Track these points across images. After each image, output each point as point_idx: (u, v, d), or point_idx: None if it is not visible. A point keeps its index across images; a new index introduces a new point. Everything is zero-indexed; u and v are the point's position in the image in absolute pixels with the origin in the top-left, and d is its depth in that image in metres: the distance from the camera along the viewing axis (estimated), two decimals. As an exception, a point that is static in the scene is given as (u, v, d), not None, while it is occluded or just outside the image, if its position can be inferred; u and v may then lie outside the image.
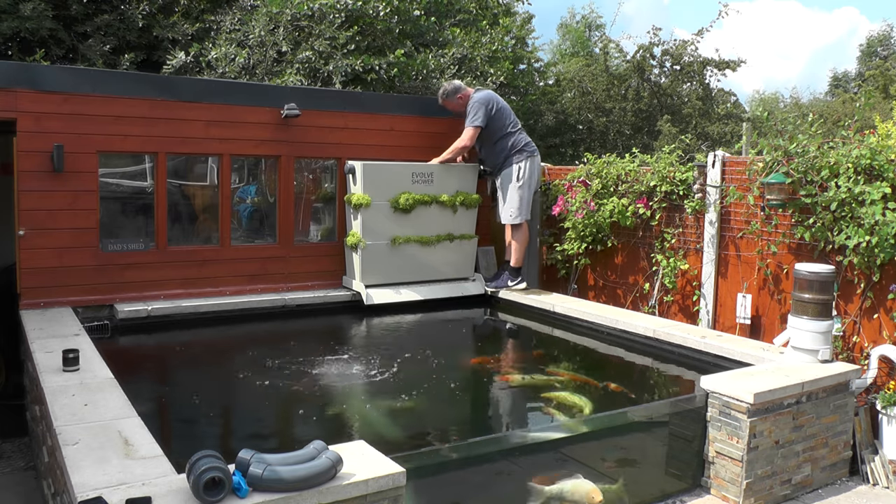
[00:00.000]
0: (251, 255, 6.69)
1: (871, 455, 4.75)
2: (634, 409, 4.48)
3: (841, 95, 19.30)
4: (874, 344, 5.07)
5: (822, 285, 4.70)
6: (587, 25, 19.11)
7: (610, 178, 7.02)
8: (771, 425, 4.26)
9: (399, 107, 7.37)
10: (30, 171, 5.63)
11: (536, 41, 13.36)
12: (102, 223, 6.02)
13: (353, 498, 2.84)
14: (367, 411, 4.46)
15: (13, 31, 7.94)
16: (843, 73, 23.23)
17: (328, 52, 8.60)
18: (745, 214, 5.97)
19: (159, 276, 6.21)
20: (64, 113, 5.72)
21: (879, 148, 5.01)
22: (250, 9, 9.10)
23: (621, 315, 6.18)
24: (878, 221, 4.80)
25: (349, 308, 6.82)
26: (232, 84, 7.12)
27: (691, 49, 12.51)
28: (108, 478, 2.79)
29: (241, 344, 6.03)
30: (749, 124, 9.02)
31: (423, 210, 7.01)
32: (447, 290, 7.21)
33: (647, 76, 12.85)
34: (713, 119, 12.67)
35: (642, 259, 6.95)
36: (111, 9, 8.68)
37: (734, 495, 4.23)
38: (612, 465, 4.26)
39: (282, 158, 6.74)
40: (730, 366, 4.94)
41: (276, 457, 2.77)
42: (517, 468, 3.94)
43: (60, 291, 5.77)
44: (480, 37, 10.51)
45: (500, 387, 5.22)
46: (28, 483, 4.79)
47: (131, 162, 6.36)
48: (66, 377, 3.99)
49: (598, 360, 5.87)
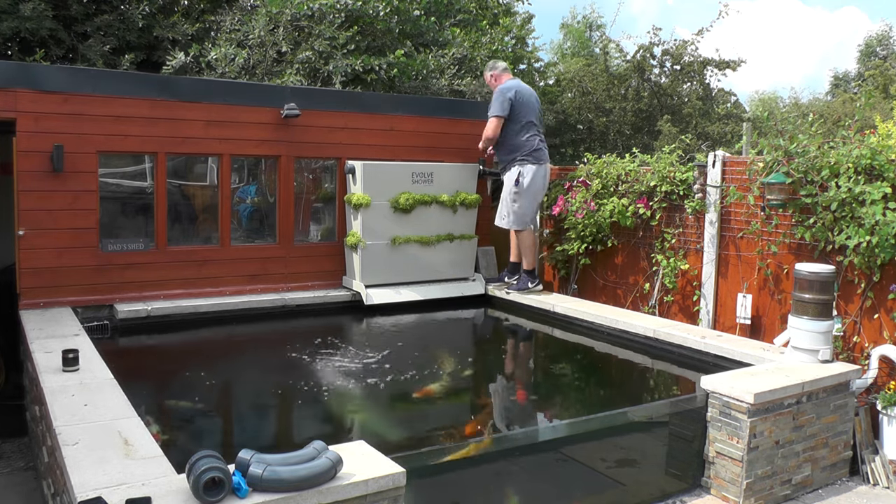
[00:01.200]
0: (251, 255, 6.69)
1: (871, 455, 4.75)
2: (634, 409, 4.48)
3: (841, 95, 19.28)
4: (874, 344, 5.07)
5: (822, 285, 4.70)
6: (588, 25, 19.10)
7: (610, 178, 7.02)
8: (771, 425, 4.26)
9: (399, 107, 7.36)
10: (30, 171, 5.63)
11: (537, 41, 13.36)
12: (102, 223, 6.02)
13: (353, 498, 2.84)
14: (368, 411, 4.46)
15: (13, 31, 7.94)
16: (844, 73, 23.21)
17: (328, 53, 8.60)
18: (745, 214, 5.96)
19: (159, 276, 6.21)
20: (64, 113, 5.72)
21: (880, 148, 5.00)
22: (250, 9, 9.09)
23: (621, 315, 6.17)
24: (879, 221, 4.80)
25: (349, 308, 6.82)
26: (232, 84, 7.12)
27: (691, 49, 12.50)
28: (108, 478, 2.79)
29: (240, 344, 6.03)
30: (749, 124, 9.01)
31: (423, 210, 7.02)
32: (447, 290, 7.21)
33: (647, 76, 12.84)
34: (713, 119, 12.66)
35: (642, 259, 6.94)
36: (111, 9, 8.68)
37: (734, 495, 4.23)
38: (613, 465, 4.26)
39: (282, 158, 6.73)
40: (730, 366, 4.94)
41: (276, 457, 2.77)
42: (517, 468, 3.94)
43: (60, 291, 5.77)
44: (480, 37, 10.50)
45: (501, 387, 5.23)
46: (28, 483, 4.78)
47: (131, 162, 6.36)
48: (66, 377, 3.99)
49: (598, 360, 5.87)
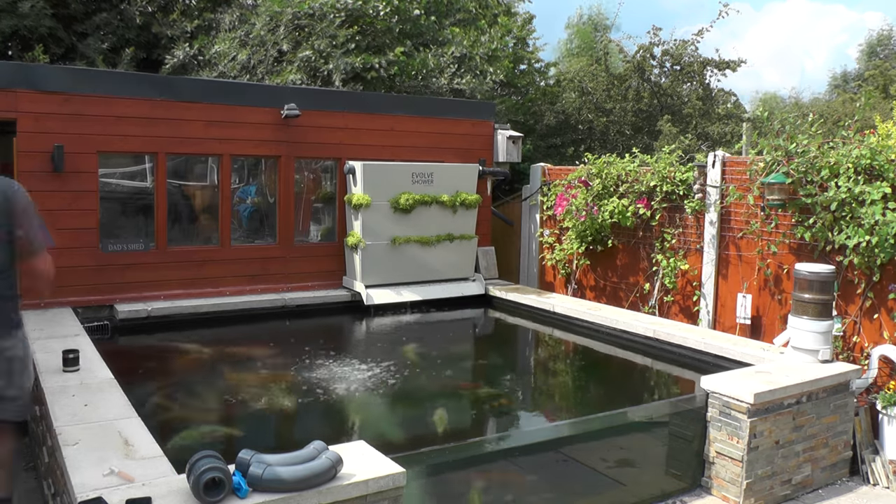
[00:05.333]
0: (251, 255, 6.69)
1: (871, 455, 4.75)
2: (634, 409, 4.47)
3: (841, 95, 19.26)
4: (874, 344, 5.07)
5: (822, 285, 4.70)
6: (594, 26, 19.12)
7: (610, 178, 7.01)
8: (771, 425, 4.26)
9: (399, 107, 7.36)
10: (30, 171, 5.63)
11: (537, 41, 13.34)
12: (102, 223, 6.02)
13: (353, 498, 2.84)
14: (367, 411, 4.46)
15: (12, 30, 7.94)
16: (844, 73, 23.19)
17: (328, 51, 8.60)
18: (745, 214, 5.96)
19: (159, 277, 6.21)
20: (64, 113, 5.72)
21: (879, 148, 5.00)
22: (250, 8, 9.10)
23: (621, 315, 6.17)
24: (878, 221, 4.79)
25: (349, 308, 6.82)
26: (232, 84, 7.12)
27: (691, 49, 12.50)
28: (108, 478, 2.79)
29: (240, 344, 6.02)
30: (749, 124, 9.00)
31: (424, 210, 7.01)
32: (447, 290, 7.21)
33: (647, 76, 12.83)
34: (713, 119, 12.65)
35: (642, 259, 6.94)
36: (110, 7, 8.69)
37: (734, 495, 4.23)
38: (613, 465, 4.26)
39: (282, 158, 6.73)
40: (730, 366, 4.94)
41: (276, 457, 2.77)
42: (517, 468, 3.93)
43: (60, 292, 5.76)
44: (480, 36, 10.49)
45: (501, 387, 5.22)
46: (28, 483, 4.78)
47: (131, 162, 6.36)
48: (67, 377, 3.99)
49: (598, 360, 5.87)
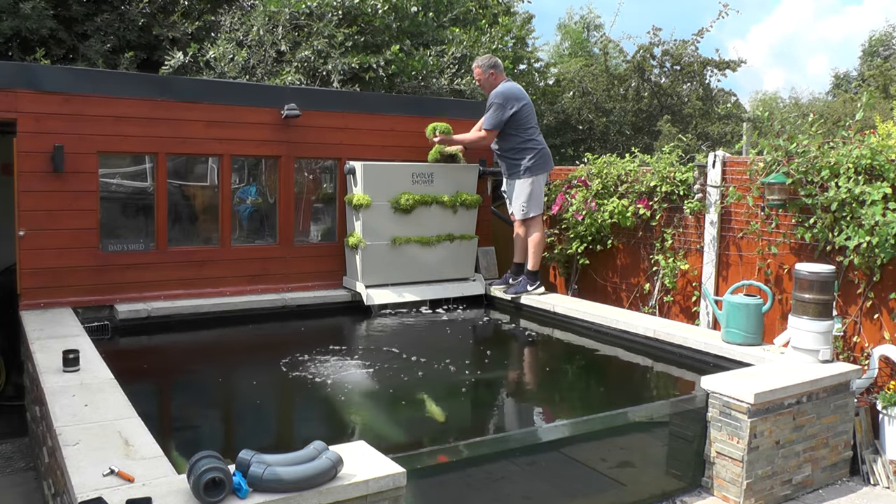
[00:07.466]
0: (251, 255, 6.69)
1: (871, 455, 4.75)
2: (634, 409, 4.47)
3: (842, 95, 19.28)
4: (875, 344, 5.07)
5: (822, 285, 4.70)
6: (585, 26, 19.11)
7: (610, 178, 7.02)
8: (771, 425, 4.26)
9: (399, 107, 7.36)
10: (30, 171, 5.63)
11: (537, 41, 13.37)
12: (102, 223, 6.02)
13: (353, 498, 2.84)
14: (368, 411, 4.46)
15: (13, 31, 7.95)
16: (845, 73, 23.22)
17: (326, 51, 8.60)
18: (745, 215, 5.96)
19: (159, 277, 6.21)
20: (64, 113, 5.72)
21: (880, 148, 5.00)
22: (249, 8, 9.10)
23: (621, 315, 6.17)
24: (879, 222, 4.79)
25: (349, 308, 6.82)
26: (232, 84, 7.12)
27: (691, 49, 12.51)
28: (108, 478, 2.79)
29: (241, 344, 6.03)
30: (749, 124, 9.01)
31: (424, 210, 7.02)
32: (447, 290, 7.21)
33: (647, 76, 12.85)
34: (713, 119, 12.66)
35: (642, 259, 6.94)
36: (111, 8, 8.69)
37: (734, 495, 4.23)
38: (613, 465, 4.26)
39: (282, 159, 6.73)
40: (730, 366, 4.94)
41: (276, 457, 2.77)
42: (517, 468, 3.93)
43: (61, 292, 5.77)
44: (480, 36, 10.50)
45: (501, 387, 5.22)
46: (28, 483, 4.78)
47: (131, 162, 6.36)
48: (67, 378, 3.99)
49: (599, 361, 5.87)
